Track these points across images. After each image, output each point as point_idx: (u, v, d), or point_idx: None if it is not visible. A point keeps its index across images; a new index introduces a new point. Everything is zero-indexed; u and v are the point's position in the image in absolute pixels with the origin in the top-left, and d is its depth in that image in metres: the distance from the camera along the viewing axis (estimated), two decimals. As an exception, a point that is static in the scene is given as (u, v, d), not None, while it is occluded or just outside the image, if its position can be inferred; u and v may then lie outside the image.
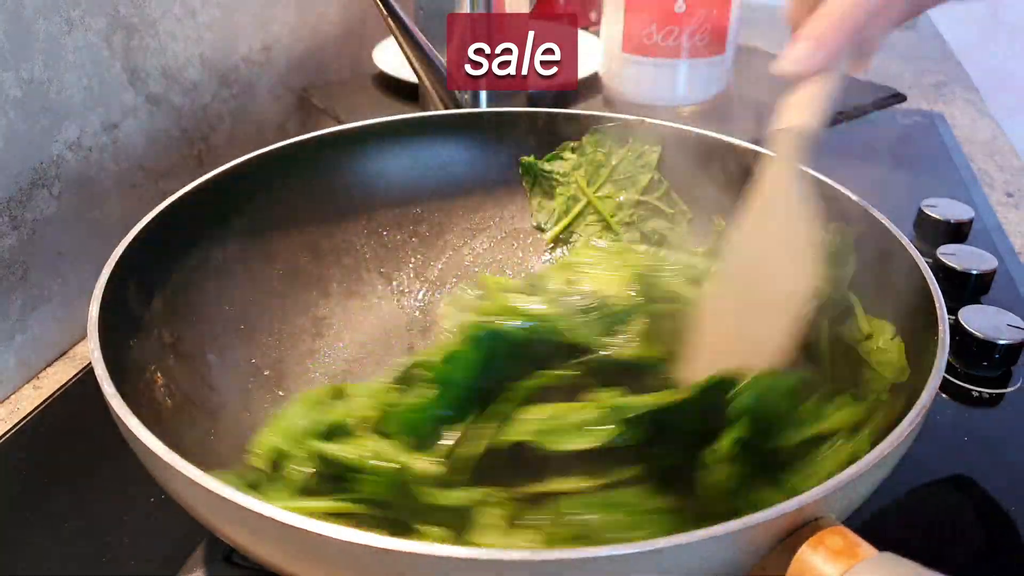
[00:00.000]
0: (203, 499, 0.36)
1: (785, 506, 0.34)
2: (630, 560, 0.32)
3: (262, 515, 0.33)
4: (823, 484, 0.35)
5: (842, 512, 0.37)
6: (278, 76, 1.01)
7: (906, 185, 0.95)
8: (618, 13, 0.96)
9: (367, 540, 0.32)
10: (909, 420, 0.40)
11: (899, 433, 0.39)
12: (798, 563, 0.33)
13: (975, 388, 0.64)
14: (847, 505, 0.38)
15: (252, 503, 0.33)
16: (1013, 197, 0.97)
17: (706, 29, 0.93)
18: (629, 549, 0.32)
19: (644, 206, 0.73)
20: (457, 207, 0.77)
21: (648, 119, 0.72)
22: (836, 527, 0.35)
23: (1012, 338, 0.65)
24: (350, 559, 0.33)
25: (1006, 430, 0.60)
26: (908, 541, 0.47)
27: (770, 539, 0.34)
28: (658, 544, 0.32)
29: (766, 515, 0.34)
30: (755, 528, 0.34)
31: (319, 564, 0.35)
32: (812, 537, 0.34)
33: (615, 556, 0.32)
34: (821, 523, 0.35)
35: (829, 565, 0.33)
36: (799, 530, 0.34)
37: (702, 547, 0.33)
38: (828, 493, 0.35)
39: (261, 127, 0.99)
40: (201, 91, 0.87)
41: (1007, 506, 0.53)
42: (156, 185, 0.81)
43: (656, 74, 0.97)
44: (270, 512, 0.33)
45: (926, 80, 1.34)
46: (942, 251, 0.77)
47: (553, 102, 1.00)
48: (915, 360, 0.51)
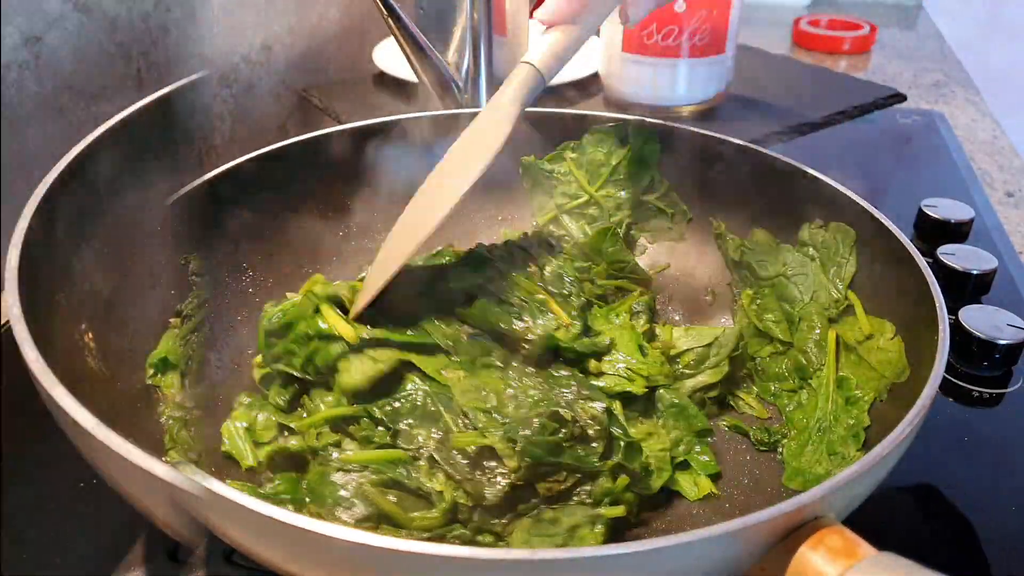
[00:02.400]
0: (145, 483, 0.32)
1: (784, 506, 0.34)
2: (629, 560, 0.32)
3: (242, 505, 0.32)
4: (822, 484, 0.35)
5: (841, 512, 0.37)
6: (278, 76, 1.01)
7: (906, 185, 0.94)
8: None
9: (368, 540, 0.31)
10: (908, 420, 0.40)
11: (899, 433, 0.39)
12: (797, 563, 0.34)
13: (975, 388, 0.64)
14: (846, 505, 0.38)
15: (241, 497, 0.32)
16: (1013, 197, 0.97)
17: (706, 29, 0.93)
18: (628, 549, 0.32)
19: (644, 206, 0.73)
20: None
21: (648, 119, 0.72)
22: (835, 527, 0.35)
23: (1012, 338, 0.65)
24: (350, 558, 0.33)
25: (1006, 430, 0.60)
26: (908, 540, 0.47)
27: (769, 539, 0.34)
28: (657, 544, 0.32)
29: (765, 515, 0.34)
30: (754, 528, 0.34)
31: (313, 562, 0.34)
32: (811, 537, 0.34)
33: (614, 556, 0.32)
34: (820, 523, 0.35)
35: (829, 565, 0.33)
36: (798, 530, 0.35)
37: (701, 547, 0.33)
38: (827, 493, 0.35)
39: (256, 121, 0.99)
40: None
41: (1007, 506, 0.53)
42: (87, 109, 0.70)
43: (656, 74, 0.97)
44: (249, 503, 0.32)
45: (926, 80, 1.35)
46: (942, 251, 0.77)
47: (555, 103, 0.99)
48: (915, 360, 0.51)
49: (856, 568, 0.32)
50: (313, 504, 0.46)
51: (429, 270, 0.59)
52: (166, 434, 0.49)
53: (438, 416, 0.49)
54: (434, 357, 0.52)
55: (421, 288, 0.56)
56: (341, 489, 0.46)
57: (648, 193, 0.73)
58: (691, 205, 0.73)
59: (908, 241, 0.55)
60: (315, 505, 0.46)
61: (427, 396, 0.50)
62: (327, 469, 0.47)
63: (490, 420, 0.47)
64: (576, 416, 0.48)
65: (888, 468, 0.39)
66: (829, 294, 0.61)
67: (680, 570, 0.34)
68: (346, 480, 0.46)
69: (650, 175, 0.73)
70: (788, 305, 0.63)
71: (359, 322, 0.52)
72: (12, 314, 0.37)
